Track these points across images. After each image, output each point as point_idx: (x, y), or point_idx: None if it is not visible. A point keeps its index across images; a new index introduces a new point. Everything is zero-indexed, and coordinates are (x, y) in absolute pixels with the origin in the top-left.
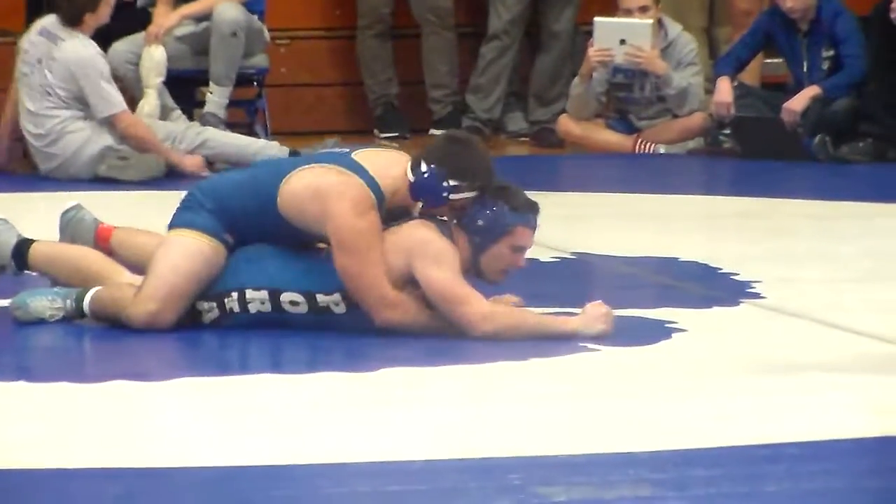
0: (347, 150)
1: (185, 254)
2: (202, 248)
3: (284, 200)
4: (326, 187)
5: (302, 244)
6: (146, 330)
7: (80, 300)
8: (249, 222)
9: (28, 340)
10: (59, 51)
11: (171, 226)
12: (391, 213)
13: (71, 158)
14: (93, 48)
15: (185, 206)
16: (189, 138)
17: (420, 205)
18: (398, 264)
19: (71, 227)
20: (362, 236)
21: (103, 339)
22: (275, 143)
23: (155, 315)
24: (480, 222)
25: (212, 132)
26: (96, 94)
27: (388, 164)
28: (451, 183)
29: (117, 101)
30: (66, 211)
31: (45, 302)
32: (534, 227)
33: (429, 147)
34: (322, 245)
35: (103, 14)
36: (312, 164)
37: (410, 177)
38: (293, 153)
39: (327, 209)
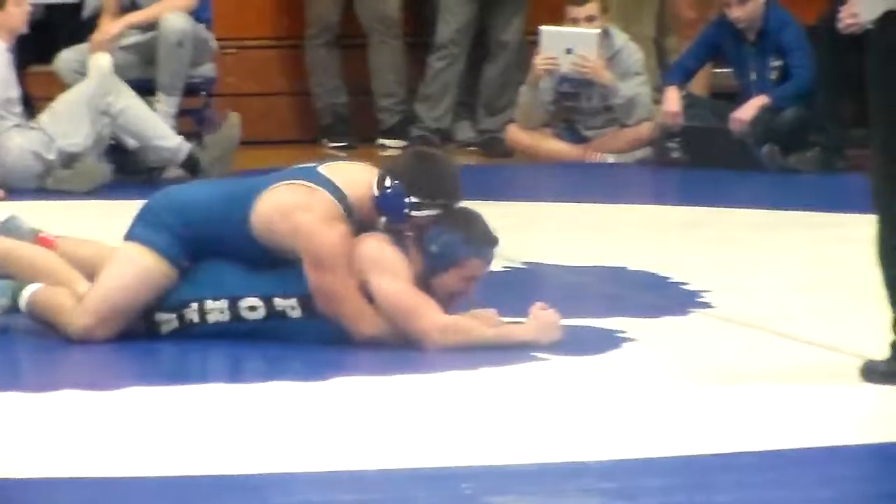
0: (314, 164)
1: (135, 273)
2: (153, 271)
3: (256, 224)
4: (293, 204)
5: (272, 264)
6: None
7: (15, 296)
8: (220, 246)
9: None
10: None
11: (129, 237)
12: (359, 227)
13: (11, 174)
14: None
15: (145, 220)
16: (106, 104)
17: (383, 219)
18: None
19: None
20: (333, 249)
21: (53, 348)
22: (179, 139)
23: (90, 330)
24: (434, 248)
25: (128, 116)
26: None
27: (355, 177)
28: (413, 200)
29: None
30: (3, 223)
31: None
32: (488, 261)
33: (394, 161)
34: None
35: (13, 14)
36: (279, 183)
37: (375, 191)
38: (191, 159)
39: (296, 225)
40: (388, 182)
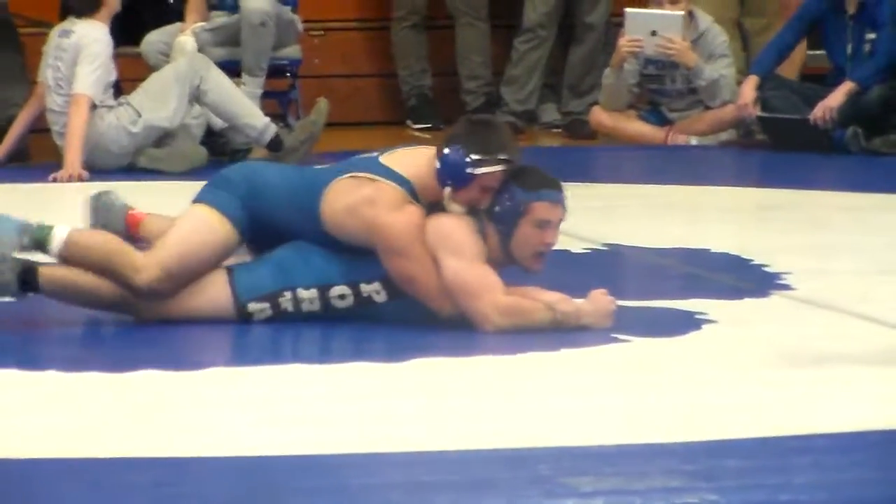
0: (376, 153)
1: (200, 230)
2: (218, 230)
3: (327, 222)
4: (359, 199)
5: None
6: (169, 319)
7: (41, 237)
8: (289, 233)
9: (58, 329)
10: (68, 41)
11: (197, 200)
12: (430, 209)
13: (95, 152)
14: (103, 33)
15: (216, 185)
16: (197, 82)
17: (448, 190)
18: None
19: (101, 213)
20: (402, 234)
21: (135, 328)
22: (266, 120)
23: (160, 282)
24: (497, 208)
25: (217, 94)
26: (83, 70)
27: (415, 160)
28: (473, 157)
29: (91, 87)
30: (97, 195)
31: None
32: (556, 202)
33: (450, 131)
34: None
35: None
36: (342, 177)
37: (437, 163)
38: (276, 140)
39: (364, 220)
40: (446, 150)
